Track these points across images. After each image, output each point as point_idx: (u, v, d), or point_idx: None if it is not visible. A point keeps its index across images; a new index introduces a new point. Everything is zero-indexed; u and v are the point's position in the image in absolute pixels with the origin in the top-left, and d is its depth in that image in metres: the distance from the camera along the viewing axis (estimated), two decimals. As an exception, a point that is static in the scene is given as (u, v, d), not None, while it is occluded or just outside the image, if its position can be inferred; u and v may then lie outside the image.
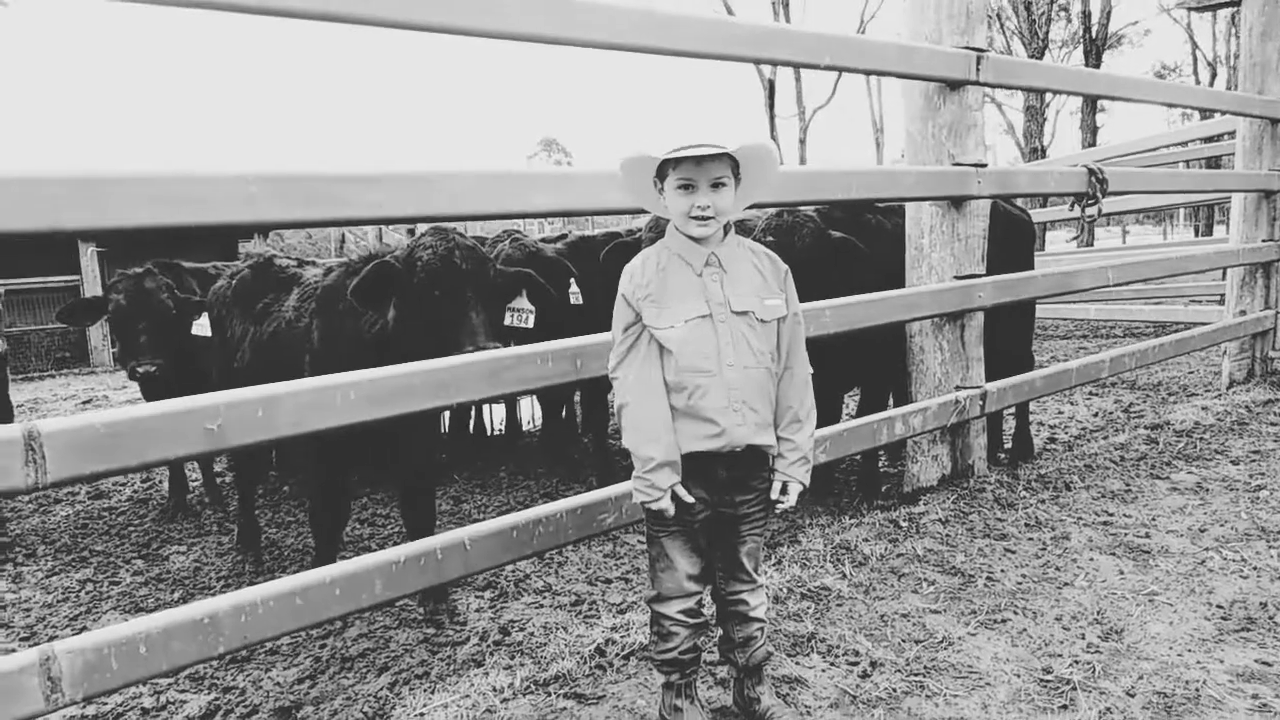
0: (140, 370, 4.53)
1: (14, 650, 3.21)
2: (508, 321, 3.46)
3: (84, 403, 10.14)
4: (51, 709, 1.83)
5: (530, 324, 3.48)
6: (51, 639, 3.12)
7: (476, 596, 3.47)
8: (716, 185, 1.96)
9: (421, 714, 2.38)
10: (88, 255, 16.14)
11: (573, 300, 4.89)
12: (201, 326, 4.46)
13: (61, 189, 1.81)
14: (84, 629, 3.44)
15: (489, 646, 2.97)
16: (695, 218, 1.97)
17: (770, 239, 3.72)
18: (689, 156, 1.90)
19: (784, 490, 2.08)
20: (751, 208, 3.56)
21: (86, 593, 3.87)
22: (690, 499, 2.00)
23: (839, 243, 3.81)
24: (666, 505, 1.99)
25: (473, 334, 2.85)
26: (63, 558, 4.40)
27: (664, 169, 1.99)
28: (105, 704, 2.80)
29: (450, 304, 2.90)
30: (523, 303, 3.47)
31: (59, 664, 1.82)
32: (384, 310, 2.99)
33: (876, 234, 4.23)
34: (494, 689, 2.45)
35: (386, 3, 2.26)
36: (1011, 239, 4.47)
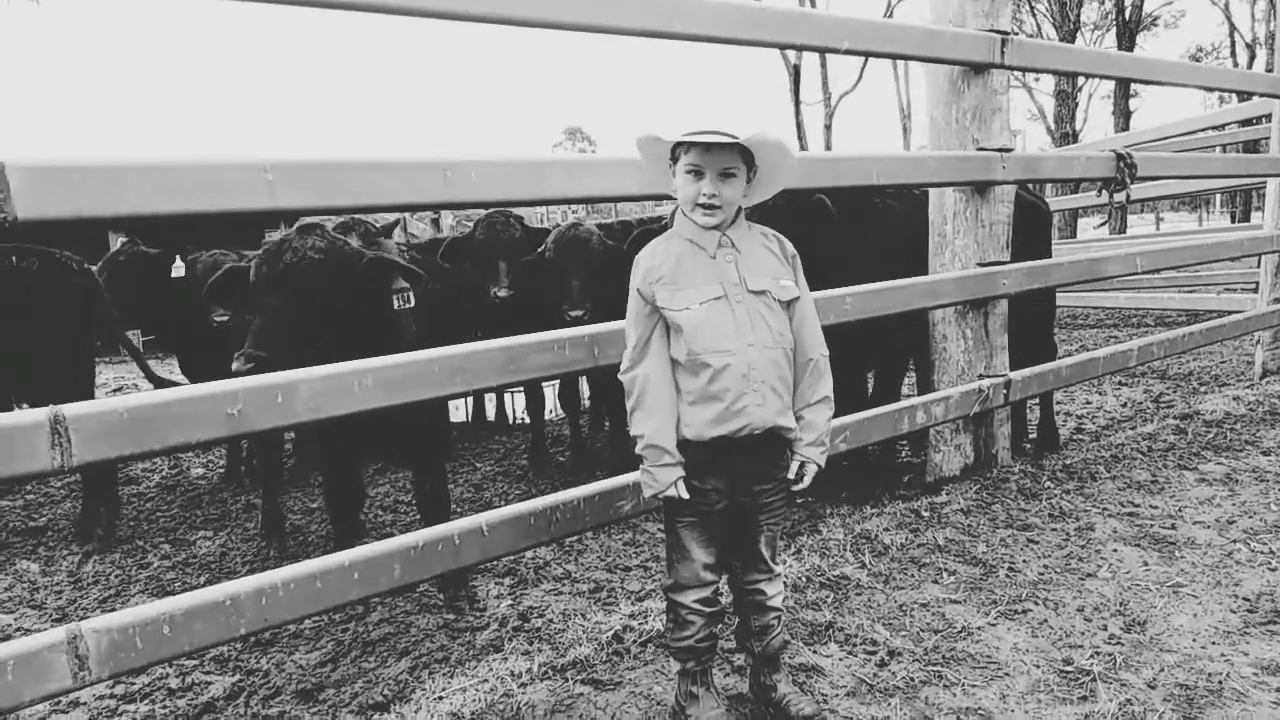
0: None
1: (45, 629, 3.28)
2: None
3: (114, 390, 10.31)
4: (79, 686, 1.87)
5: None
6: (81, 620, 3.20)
7: (496, 583, 3.50)
8: (725, 175, 1.94)
9: (440, 697, 2.41)
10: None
11: None
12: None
13: (81, 177, 1.84)
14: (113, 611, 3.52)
15: (508, 632, 2.99)
16: (701, 205, 1.95)
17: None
18: (699, 143, 1.89)
19: (800, 470, 2.07)
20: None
21: (116, 576, 3.95)
22: (687, 495, 1.99)
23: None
24: (673, 493, 1.98)
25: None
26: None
27: (677, 152, 1.98)
28: (133, 684, 2.86)
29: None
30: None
31: (86, 642, 1.87)
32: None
33: (884, 216, 4.20)
34: (512, 674, 2.47)
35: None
36: (1026, 226, 4.39)
